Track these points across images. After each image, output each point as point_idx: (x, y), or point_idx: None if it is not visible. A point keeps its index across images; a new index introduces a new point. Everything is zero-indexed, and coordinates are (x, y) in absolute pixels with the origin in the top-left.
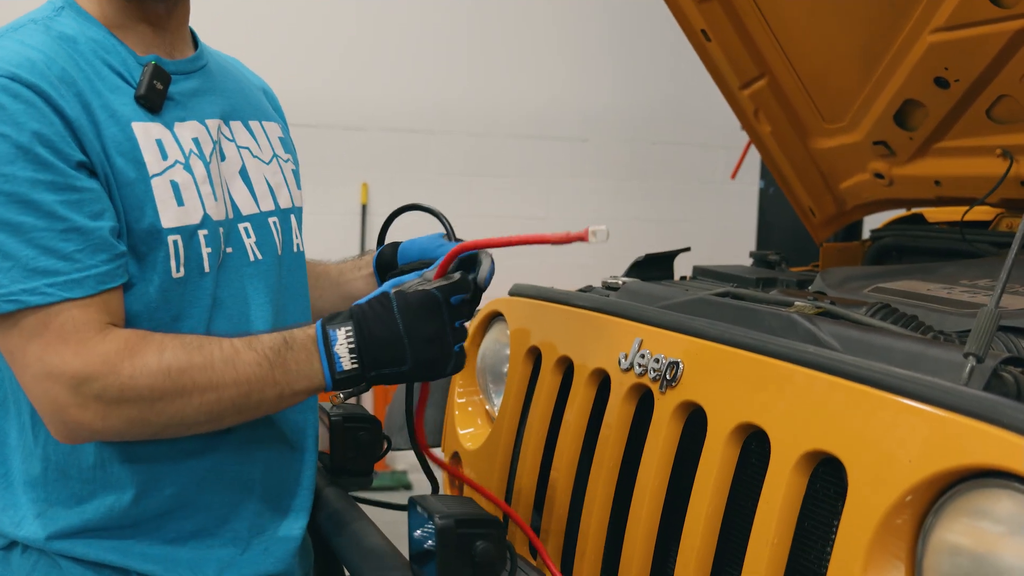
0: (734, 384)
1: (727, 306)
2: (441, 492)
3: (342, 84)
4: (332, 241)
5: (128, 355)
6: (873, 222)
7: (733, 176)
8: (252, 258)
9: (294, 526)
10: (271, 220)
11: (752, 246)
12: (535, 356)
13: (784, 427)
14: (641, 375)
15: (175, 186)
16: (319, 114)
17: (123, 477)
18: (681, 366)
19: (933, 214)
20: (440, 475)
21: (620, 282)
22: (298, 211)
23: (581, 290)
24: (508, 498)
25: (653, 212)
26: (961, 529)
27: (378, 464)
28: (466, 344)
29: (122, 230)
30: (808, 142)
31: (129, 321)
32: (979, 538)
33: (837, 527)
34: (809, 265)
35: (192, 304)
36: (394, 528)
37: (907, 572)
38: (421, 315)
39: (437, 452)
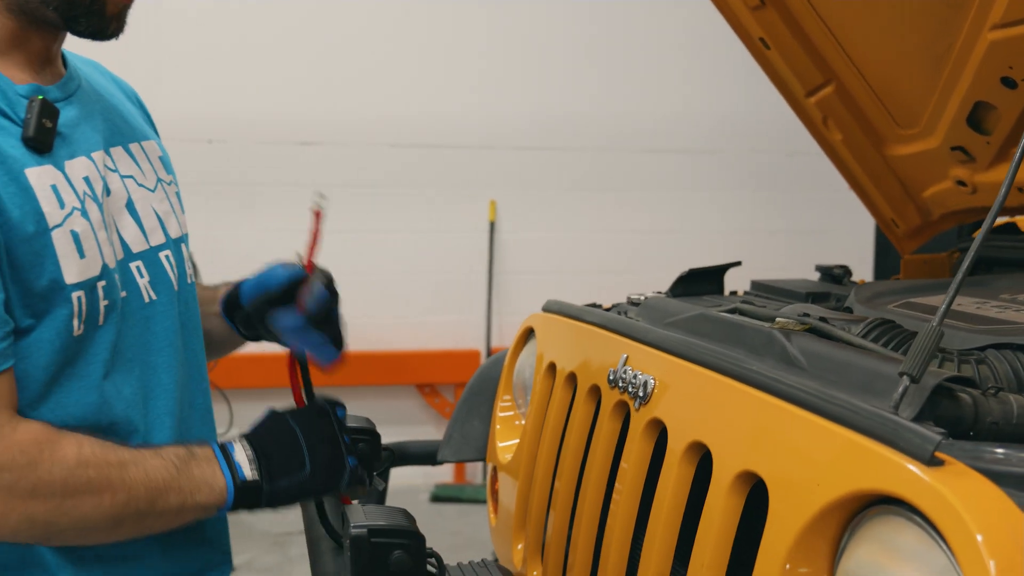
0: (691, 402)
1: (720, 322)
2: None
3: (474, 104)
4: (461, 259)
5: (47, 446)
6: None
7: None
8: (147, 299)
9: None
10: (162, 254)
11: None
12: (554, 372)
13: (724, 446)
14: (623, 391)
15: (75, 236)
16: (450, 134)
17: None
18: (652, 383)
19: None
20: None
21: (643, 297)
22: (185, 238)
23: (609, 307)
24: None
25: (785, 223)
26: (864, 557)
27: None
28: (507, 359)
29: (13, 294)
30: (883, 149)
31: (21, 387)
32: (879, 569)
33: None
34: (891, 278)
35: (89, 361)
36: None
37: None
38: (313, 419)
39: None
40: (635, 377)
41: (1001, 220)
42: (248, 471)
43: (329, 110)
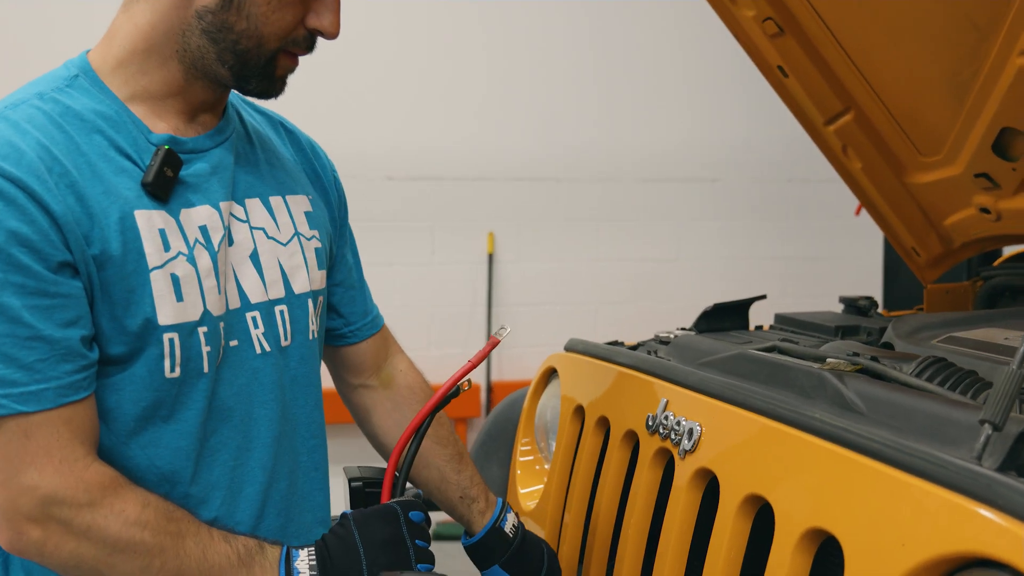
0: (745, 451)
1: (763, 362)
2: None
3: (473, 138)
4: (460, 291)
5: (112, 493)
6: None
7: (857, 213)
8: (259, 350)
9: None
10: (278, 309)
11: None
12: (582, 415)
13: (788, 500)
14: (665, 438)
15: (175, 280)
16: (448, 166)
17: None
18: (699, 430)
19: None
20: None
21: (673, 335)
22: (316, 295)
23: (634, 346)
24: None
25: (785, 251)
26: None
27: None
28: (527, 400)
29: (107, 328)
30: (904, 177)
31: (113, 420)
32: None
33: None
34: (914, 309)
35: (187, 406)
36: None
37: None
38: (376, 523)
39: None
40: (679, 424)
41: (1020, 249)
42: None
43: (323, 142)
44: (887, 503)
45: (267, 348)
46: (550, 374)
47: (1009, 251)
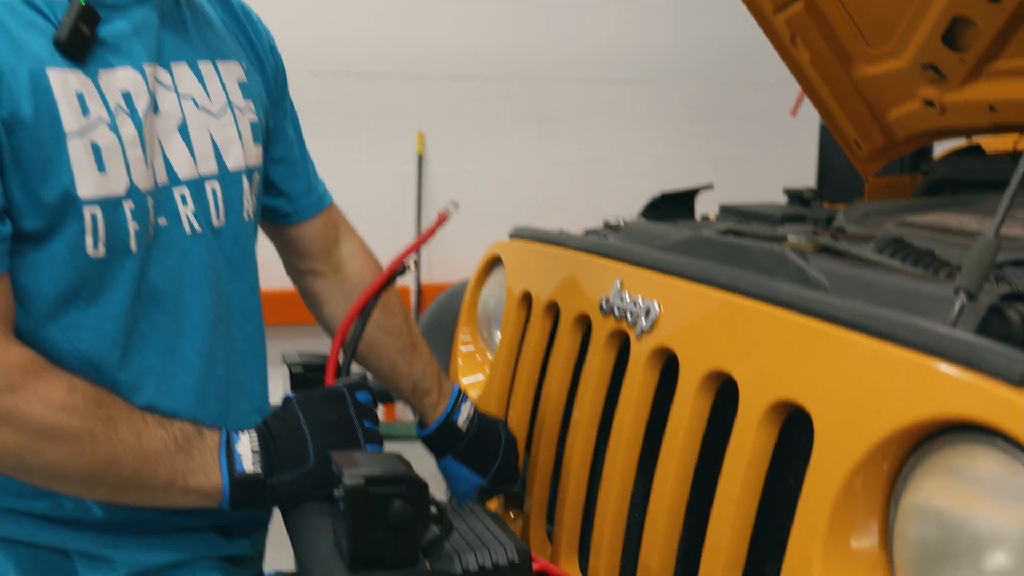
0: (706, 328)
1: (720, 244)
2: None
3: (395, 30)
4: (388, 192)
5: (33, 377)
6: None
7: (793, 113)
8: (189, 231)
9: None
10: (209, 186)
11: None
12: (529, 302)
13: (753, 374)
14: (620, 319)
15: (96, 149)
16: (376, 63)
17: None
18: (657, 309)
19: (993, 144)
20: None
21: (622, 221)
22: (251, 171)
23: (584, 233)
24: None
25: (717, 153)
26: (934, 490)
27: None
28: (468, 290)
29: (21, 199)
30: (851, 69)
31: (30, 301)
32: (954, 501)
33: None
34: (855, 201)
35: (113, 288)
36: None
37: (879, 538)
38: (321, 405)
39: None
40: (635, 303)
41: (964, 143)
42: (248, 464)
43: None
44: (861, 372)
45: (198, 229)
46: (493, 263)
47: (944, 148)
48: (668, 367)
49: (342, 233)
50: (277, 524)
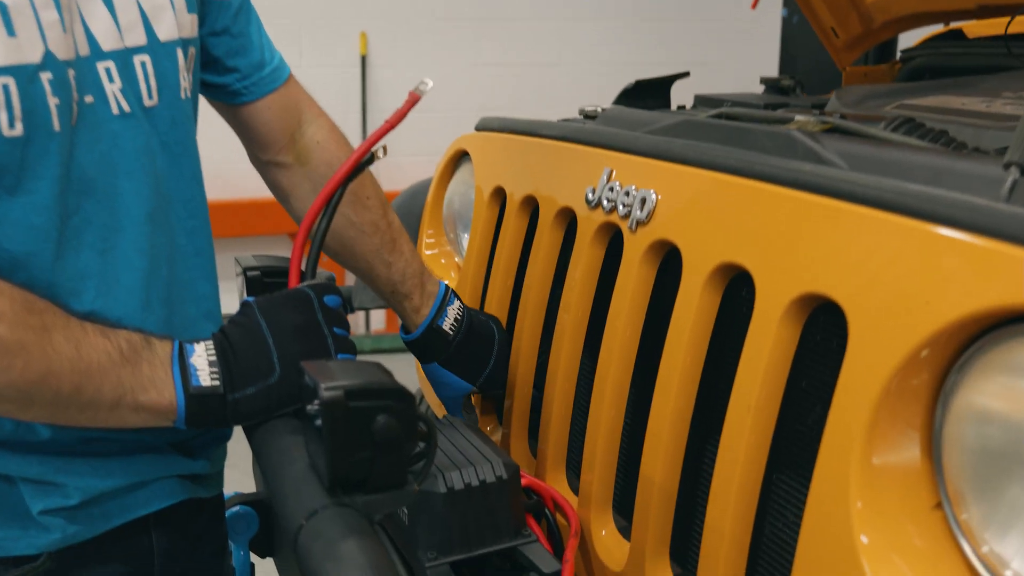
0: (714, 216)
1: (717, 128)
2: None
3: None
4: (331, 95)
5: None
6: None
7: (754, 6)
8: (117, 111)
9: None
10: (138, 59)
11: None
12: (501, 197)
13: (771, 266)
14: (610, 212)
15: (3, 8)
16: None
17: None
18: (654, 198)
19: (973, 29)
20: None
21: (599, 109)
22: (186, 44)
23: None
24: None
25: (672, 54)
26: (993, 390)
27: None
28: (432, 189)
29: None
30: None
31: None
32: (1017, 401)
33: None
34: (830, 93)
35: (37, 174)
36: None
37: (922, 445)
38: (284, 309)
39: None
40: (627, 194)
41: (940, 29)
42: (205, 377)
43: None
44: (904, 259)
45: (127, 108)
46: (459, 158)
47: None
48: (667, 263)
49: (306, 115)
50: (232, 442)
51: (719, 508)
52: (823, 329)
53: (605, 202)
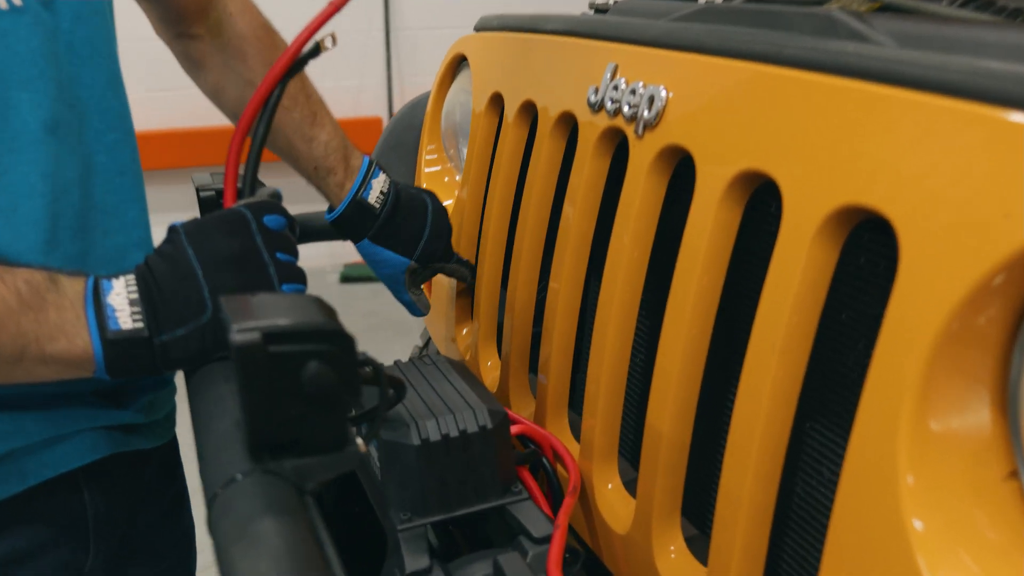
0: (734, 115)
1: (743, 13)
2: None
3: None
4: (354, 16)
5: None
6: None
7: None
8: (5, 3)
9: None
10: None
11: None
12: (500, 105)
13: (804, 173)
14: (614, 115)
15: None
16: None
17: None
18: (664, 96)
19: None
20: None
21: (611, 1)
22: None
23: None
24: (473, 278)
25: None
26: None
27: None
28: (431, 99)
29: None
30: None
31: None
32: None
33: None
34: None
35: None
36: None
37: (992, 401)
38: (216, 234)
39: None
40: (634, 92)
41: None
42: (125, 319)
43: None
44: (979, 159)
45: (16, 1)
46: (458, 64)
47: None
48: (681, 174)
49: None
50: None
51: (738, 464)
52: (868, 250)
53: (609, 103)
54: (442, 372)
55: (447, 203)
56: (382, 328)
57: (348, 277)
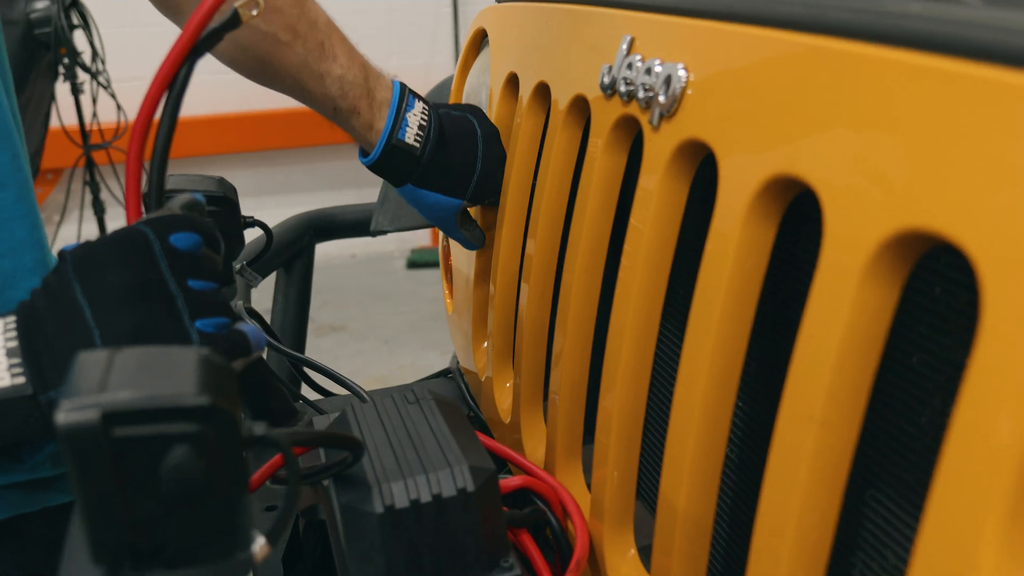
0: (766, 101)
1: None
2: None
3: None
4: None
5: None
6: None
7: None
8: None
9: None
10: None
11: None
12: (516, 86)
13: (856, 184)
14: (628, 101)
15: None
16: None
17: None
18: (683, 76)
19: None
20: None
21: None
22: None
23: None
24: (490, 281)
25: None
26: None
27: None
28: (455, 79)
29: None
30: None
31: None
32: None
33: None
34: None
35: None
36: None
37: None
38: (110, 263)
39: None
40: (648, 71)
41: None
42: (3, 373)
43: None
44: None
45: None
46: (481, 40)
47: None
48: (705, 171)
49: None
50: None
51: (769, 550)
52: (944, 278)
53: (623, 86)
54: (425, 415)
55: None
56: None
57: (415, 263)
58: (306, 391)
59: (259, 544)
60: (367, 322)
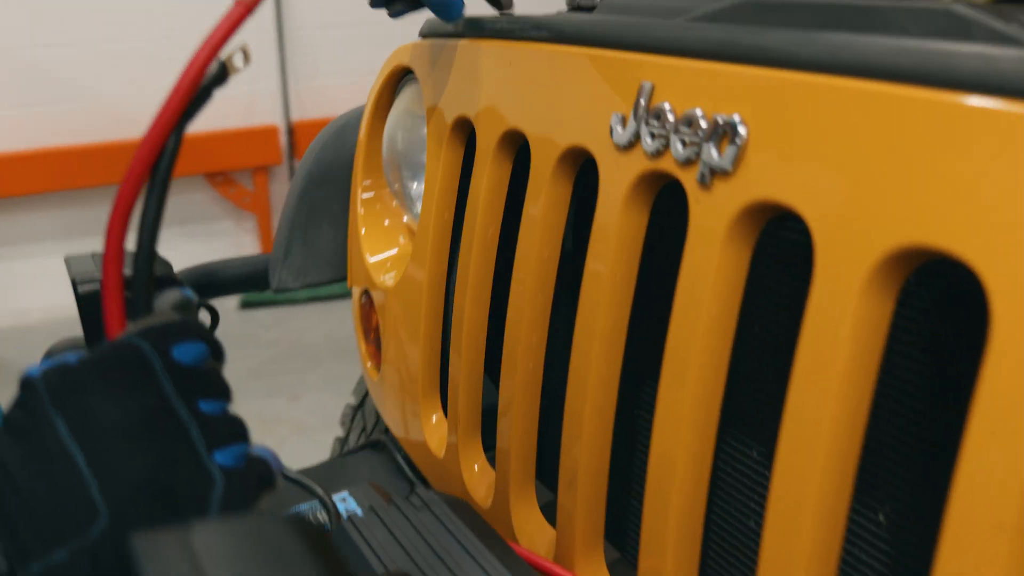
0: (861, 159)
1: (816, 9)
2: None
3: None
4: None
5: None
6: None
7: None
8: None
9: None
10: None
11: None
12: (466, 132)
13: (997, 254)
14: (657, 155)
15: None
16: None
17: None
18: (742, 131)
19: None
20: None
21: (596, 0)
22: None
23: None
24: (444, 370)
25: None
26: None
27: None
28: (364, 123)
29: None
30: None
31: None
32: None
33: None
34: None
35: None
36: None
37: None
38: (100, 390)
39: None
40: (690, 123)
41: None
42: None
43: None
44: None
45: None
46: (399, 78)
47: None
48: (770, 238)
49: None
50: None
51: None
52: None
53: (648, 139)
54: (447, 527)
55: (391, 252)
56: (288, 358)
57: (249, 303)
58: None
59: None
60: None
